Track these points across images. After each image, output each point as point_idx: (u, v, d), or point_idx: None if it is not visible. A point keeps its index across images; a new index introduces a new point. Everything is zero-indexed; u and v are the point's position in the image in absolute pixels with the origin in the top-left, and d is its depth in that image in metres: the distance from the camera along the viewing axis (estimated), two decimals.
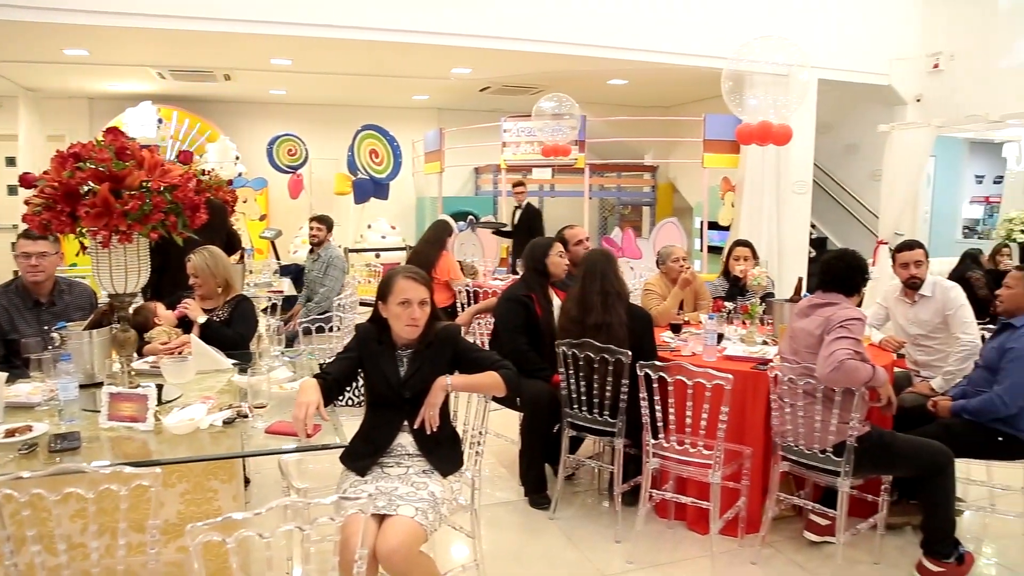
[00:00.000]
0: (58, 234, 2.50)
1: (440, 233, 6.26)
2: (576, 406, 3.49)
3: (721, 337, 3.83)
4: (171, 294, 3.76)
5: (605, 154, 11.23)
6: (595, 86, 9.92)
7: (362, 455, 2.51)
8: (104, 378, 2.79)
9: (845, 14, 8.54)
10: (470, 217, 9.18)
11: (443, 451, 2.58)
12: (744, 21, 7.81)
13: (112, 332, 2.74)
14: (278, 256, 8.86)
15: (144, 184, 2.43)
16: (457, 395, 2.82)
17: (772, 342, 3.87)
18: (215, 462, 2.36)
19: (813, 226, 9.61)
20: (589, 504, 3.86)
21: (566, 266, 4.05)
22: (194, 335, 3.29)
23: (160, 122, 9.28)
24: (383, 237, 10.62)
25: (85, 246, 2.52)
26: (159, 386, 2.64)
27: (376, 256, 10.18)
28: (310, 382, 2.38)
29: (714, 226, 9.14)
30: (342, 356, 2.61)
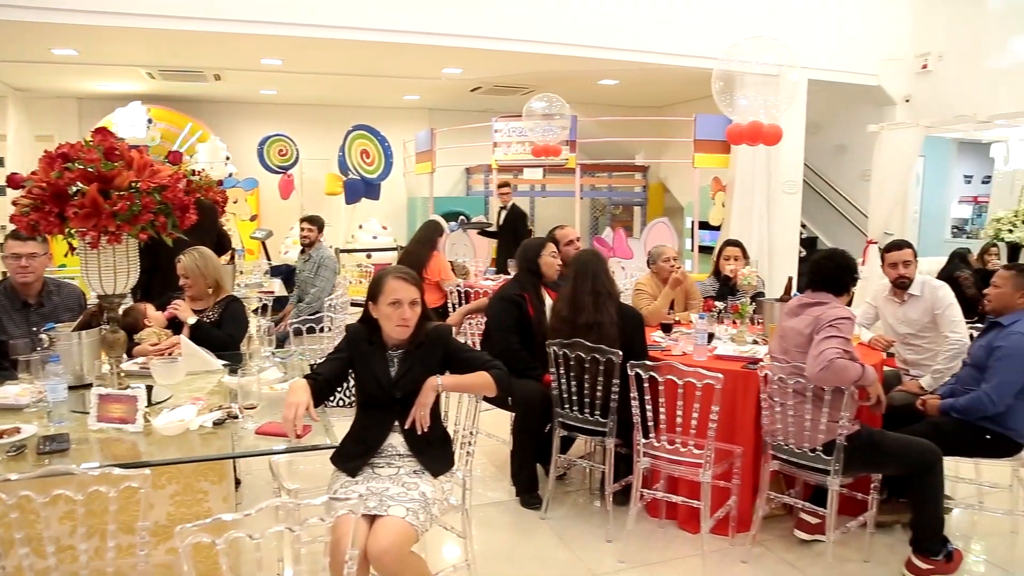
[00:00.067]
0: (46, 235, 2.49)
1: (431, 233, 6.25)
2: (567, 406, 3.49)
3: (711, 337, 3.84)
4: (161, 295, 3.74)
5: (596, 154, 11.25)
6: (586, 86, 9.94)
7: (353, 456, 2.51)
8: (93, 379, 2.77)
9: (835, 15, 8.59)
10: (461, 218, 9.18)
11: (434, 451, 2.58)
12: (734, 21, 7.85)
13: (101, 333, 2.72)
14: (269, 257, 8.84)
15: (133, 184, 2.42)
16: (448, 395, 2.83)
17: (762, 341, 3.88)
18: (205, 463, 2.36)
19: (803, 226, 9.66)
20: (580, 504, 3.87)
21: (559, 266, 4.05)
22: (184, 336, 3.28)
23: (150, 122, 9.23)
24: (374, 237, 10.60)
25: (74, 247, 2.51)
26: (149, 387, 2.63)
27: (367, 256, 10.16)
28: (300, 383, 2.38)
29: (705, 226, 9.18)
30: (332, 357, 2.60)
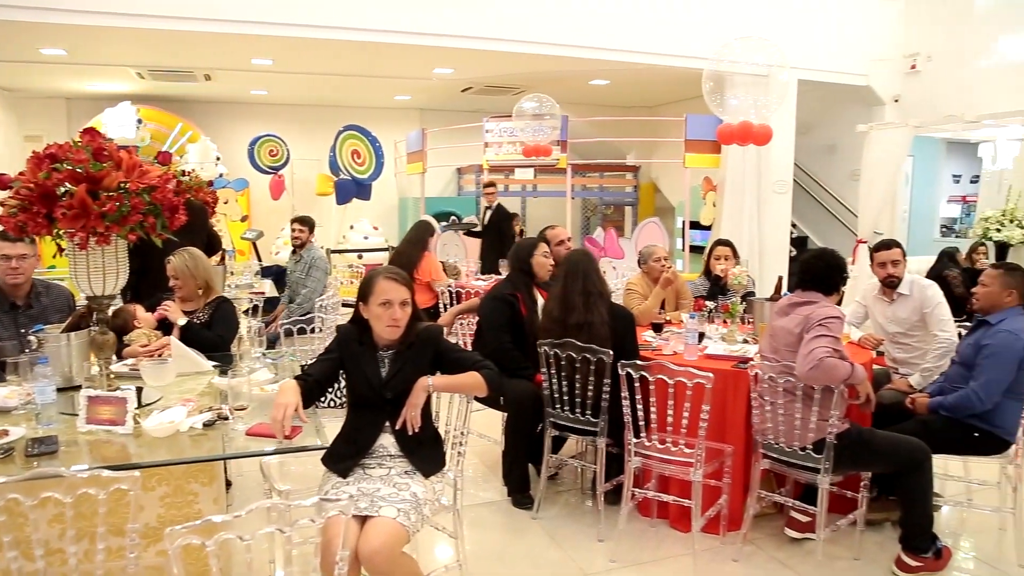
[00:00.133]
0: (35, 236, 2.48)
1: (422, 234, 6.24)
2: (558, 406, 3.50)
3: (702, 336, 3.86)
4: (151, 296, 3.72)
5: (587, 154, 11.26)
6: (577, 86, 9.95)
7: (344, 456, 2.51)
8: (82, 381, 2.75)
9: (824, 15, 8.62)
10: (452, 218, 9.17)
11: (425, 452, 2.57)
12: (724, 22, 7.87)
13: (90, 335, 2.71)
14: (260, 257, 8.80)
15: (122, 185, 2.41)
16: (439, 395, 2.83)
17: (753, 341, 3.90)
18: (195, 465, 2.35)
19: (793, 225, 9.70)
20: (572, 503, 3.87)
21: (551, 267, 4.05)
22: (174, 337, 3.27)
23: (140, 123, 9.18)
24: (365, 238, 10.57)
25: (62, 248, 2.49)
26: (138, 389, 2.62)
27: (359, 257, 10.13)
28: (289, 383, 2.37)
29: (695, 226, 9.20)
30: (323, 357, 2.60)
